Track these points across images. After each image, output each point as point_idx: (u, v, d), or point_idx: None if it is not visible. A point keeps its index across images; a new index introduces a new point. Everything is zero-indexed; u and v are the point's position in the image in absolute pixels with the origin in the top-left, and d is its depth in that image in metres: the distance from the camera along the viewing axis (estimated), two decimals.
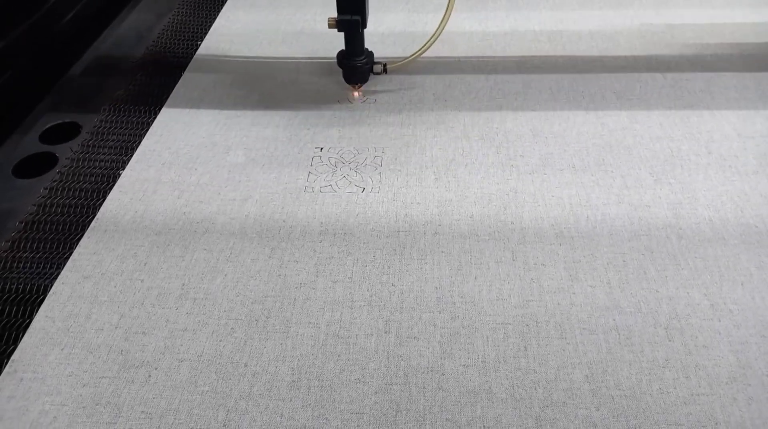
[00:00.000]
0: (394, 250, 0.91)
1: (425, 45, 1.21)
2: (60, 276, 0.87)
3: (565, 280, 0.85)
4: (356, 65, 1.19)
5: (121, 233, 0.94)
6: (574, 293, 0.83)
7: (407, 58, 1.23)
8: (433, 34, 1.20)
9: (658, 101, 1.20)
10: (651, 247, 0.90)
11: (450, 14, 1.17)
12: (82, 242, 0.92)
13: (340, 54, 1.20)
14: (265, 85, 1.28)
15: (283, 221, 0.96)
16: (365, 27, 1.15)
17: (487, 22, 1.46)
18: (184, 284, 0.86)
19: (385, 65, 1.23)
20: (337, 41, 1.21)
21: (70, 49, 1.39)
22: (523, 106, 1.19)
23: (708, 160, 1.06)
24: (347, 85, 1.24)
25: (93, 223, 0.96)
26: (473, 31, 1.43)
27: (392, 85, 1.26)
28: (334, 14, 1.14)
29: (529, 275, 0.86)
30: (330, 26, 1.13)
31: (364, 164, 1.07)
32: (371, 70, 1.22)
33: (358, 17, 1.12)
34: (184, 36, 1.44)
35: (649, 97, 1.21)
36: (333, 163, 1.08)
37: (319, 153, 1.10)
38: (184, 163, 1.08)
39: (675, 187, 1.00)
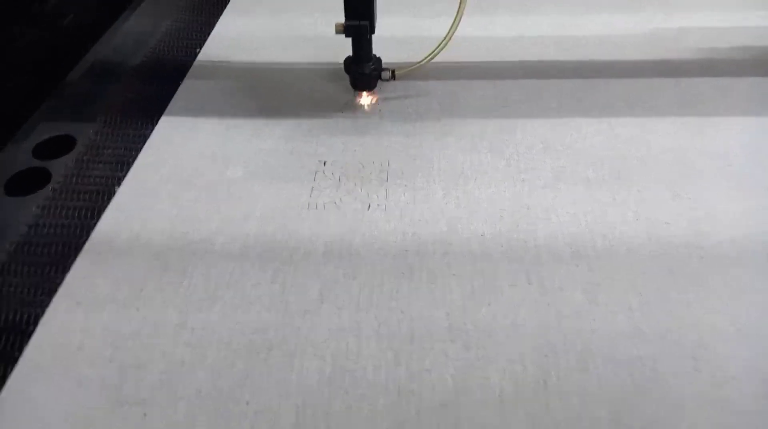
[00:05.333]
0: (402, 272, 0.86)
1: (434, 50, 1.16)
2: (51, 304, 0.83)
3: (583, 304, 0.81)
4: (364, 71, 1.15)
5: (116, 256, 0.89)
6: (594, 319, 0.79)
7: (416, 64, 1.18)
8: (443, 40, 1.15)
9: (671, 110, 1.15)
10: (672, 267, 0.86)
11: (460, 20, 1.13)
12: (75, 266, 0.88)
13: (348, 60, 1.16)
14: (267, 94, 1.23)
15: (286, 241, 0.91)
16: (373, 32, 1.11)
17: (493, 26, 1.42)
18: (181, 312, 0.81)
19: (393, 71, 1.19)
20: (340, 47, 1.17)
21: (66, 58, 1.35)
22: (533, 116, 1.15)
23: (726, 173, 1.01)
24: (351, 92, 1.20)
25: (87, 245, 0.91)
26: (478, 36, 1.38)
27: (397, 92, 1.22)
28: (336, 18, 1.10)
29: (546, 299, 0.82)
30: (337, 32, 1.09)
31: (369, 179, 1.03)
32: (379, 77, 1.18)
33: (366, 22, 1.08)
34: (182, 43, 1.40)
35: (662, 105, 1.17)
36: (337, 177, 1.03)
37: (323, 167, 1.06)
38: (183, 178, 1.03)
39: (694, 203, 0.96)
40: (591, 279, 0.84)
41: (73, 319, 0.81)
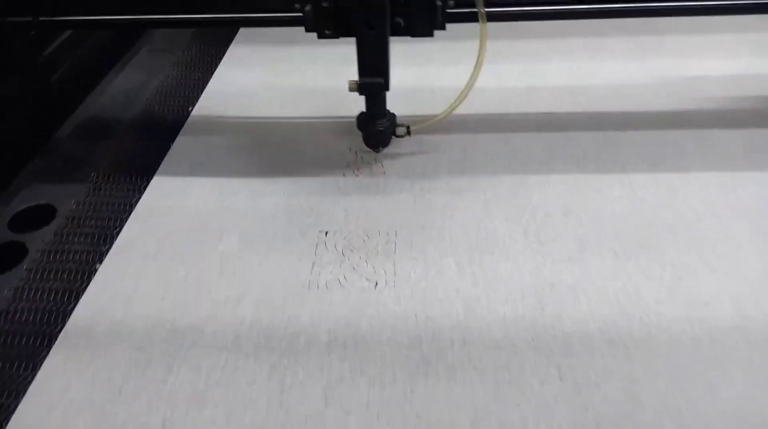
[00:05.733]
0: (417, 365, 0.77)
1: (452, 105, 1.08)
2: (18, 409, 0.73)
3: (625, 405, 0.71)
4: (377, 129, 1.08)
5: (94, 348, 0.80)
6: (638, 425, 0.69)
7: (432, 119, 1.09)
8: (461, 94, 1.07)
9: (693, 167, 1.07)
10: (717, 355, 0.77)
11: (478, 74, 1.05)
12: (47, 361, 0.78)
13: (361, 116, 1.09)
14: (264, 154, 1.15)
15: (285, 329, 0.82)
16: (388, 89, 1.05)
17: (501, 76, 1.35)
18: (165, 419, 0.71)
19: (408, 127, 1.11)
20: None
21: (51, 118, 1.27)
22: (549, 176, 1.07)
23: (762, 238, 0.93)
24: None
25: (62, 335, 0.82)
26: (487, 87, 1.30)
27: (402, 149, 1.14)
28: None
29: (581, 400, 0.72)
30: (351, 89, 1.03)
31: (375, 251, 0.94)
32: (394, 133, 1.11)
33: (381, 79, 1.02)
34: (174, 101, 1.32)
35: (683, 162, 1.08)
36: (340, 250, 0.95)
37: (324, 238, 0.97)
38: (171, 253, 0.94)
39: (733, 277, 0.87)
40: (630, 372, 0.75)
41: (42, 426, 0.71)
